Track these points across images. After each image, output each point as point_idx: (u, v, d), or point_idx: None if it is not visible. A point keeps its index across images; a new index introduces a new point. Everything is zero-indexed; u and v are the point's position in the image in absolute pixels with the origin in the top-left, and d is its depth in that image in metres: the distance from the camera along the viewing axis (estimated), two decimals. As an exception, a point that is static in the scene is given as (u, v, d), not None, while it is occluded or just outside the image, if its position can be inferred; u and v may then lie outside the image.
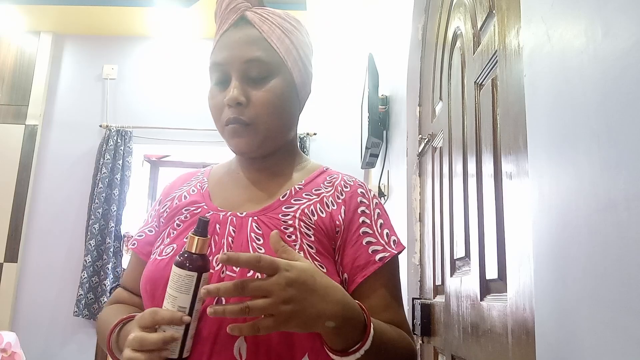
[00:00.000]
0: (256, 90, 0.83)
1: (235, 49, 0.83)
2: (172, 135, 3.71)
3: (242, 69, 0.83)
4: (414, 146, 1.81)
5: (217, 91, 0.85)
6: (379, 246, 0.82)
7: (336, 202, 0.85)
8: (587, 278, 0.55)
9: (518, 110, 0.82)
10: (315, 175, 0.90)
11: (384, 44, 2.68)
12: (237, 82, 0.82)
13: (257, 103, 0.83)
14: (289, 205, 0.84)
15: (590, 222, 0.54)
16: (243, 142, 0.84)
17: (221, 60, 0.84)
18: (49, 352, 3.47)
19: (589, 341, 0.54)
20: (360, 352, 0.69)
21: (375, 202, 0.88)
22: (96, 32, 3.92)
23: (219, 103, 0.84)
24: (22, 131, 3.73)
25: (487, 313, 0.97)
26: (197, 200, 0.89)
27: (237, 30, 0.85)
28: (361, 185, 0.89)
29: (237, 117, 0.82)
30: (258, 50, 0.83)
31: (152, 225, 0.93)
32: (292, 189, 0.87)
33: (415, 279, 1.69)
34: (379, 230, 0.84)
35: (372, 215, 0.85)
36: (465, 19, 1.26)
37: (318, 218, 0.82)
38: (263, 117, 0.83)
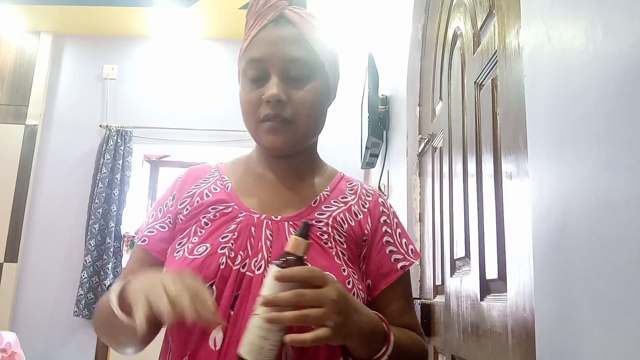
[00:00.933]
0: (296, 89, 0.83)
1: (278, 46, 0.83)
2: (172, 135, 3.71)
3: (283, 67, 0.82)
4: (414, 146, 1.81)
5: (253, 87, 0.84)
6: (399, 255, 0.87)
7: (362, 211, 0.88)
8: (587, 278, 0.55)
9: (518, 110, 0.82)
10: (337, 181, 0.93)
11: (384, 44, 2.68)
12: (277, 80, 0.82)
13: (297, 102, 0.83)
14: (320, 211, 0.86)
15: (590, 222, 0.54)
16: (281, 139, 0.83)
17: (261, 56, 0.83)
18: (49, 352, 3.47)
19: (589, 341, 0.54)
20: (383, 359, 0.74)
21: (393, 212, 0.92)
22: (96, 32, 3.92)
23: (256, 99, 0.83)
24: (22, 131, 3.73)
25: (487, 313, 0.97)
26: (224, 199, 0.86)
27: (278, 28, 0.84)
28: (380, 195, 0.93)
29: (277, 113, 0.81)
30: (300, 50, 0.83)
31: (163, 222, 0.88)
32: (321, 195, 0.88)
33: (415, 279, 1.69)
34: (398, 240, 0.89)
35: (392, 225, 0.90)
36: (465, 19, 1.26)
37: (348, 226, 0.85)
38: (302, 116, 0.83)
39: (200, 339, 0.75)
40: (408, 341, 0.81)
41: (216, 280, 0.77)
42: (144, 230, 0.89)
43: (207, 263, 0.77)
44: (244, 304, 0.76)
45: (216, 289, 0.76)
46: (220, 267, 0.77)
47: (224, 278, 0.77)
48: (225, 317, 0.75)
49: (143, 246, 0.88)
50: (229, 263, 0.78)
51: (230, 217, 0.84)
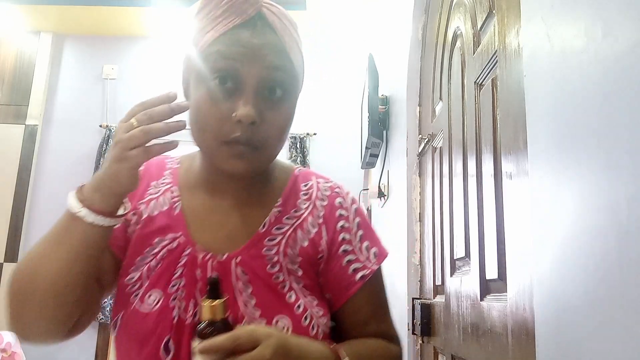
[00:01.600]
0: (271, 110, 0.73)
1: (259, 57, 0.71)
2: (172, 136, 3.70)
3: (261, 82, 0.72)
4: (414, 146, 1.81)
5: (218, 96, 0.72)
6: (359, 263, 0.81)
7: (317, 222, 0.81)
8: (587, 278, 0.55)
9: (518, 110, 0.82)
10: (290, 187, 0.84)
11: (384, 44, 2.68)
12: (253, 97, 0.71)
13: (271, 125, 0.73)
14: (271, 237, 0.78)
15: (590, 222, 0.54)
16: (246, 166, 0.73)
17: (237, 61, 0.71)
18: (49, 352, 3.47)
19: (589, 341, 0.54)
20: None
21: (355, 209, 0.85)
22: (96, 32, 3.92)
23: (222, 113, 0.71)
24: (22, 131, 3.73)
25: (487, 313, 0.97)
26: (170, 226, 0.78)
27: (257, 32, 0.73)
28: (338, 192, 0.85)
29: (249, 138, 0.71)
30: (282, 64, 0.73)
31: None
32: (270, 217, 0.80)
33: (415, 279, 1.69)
34: (359, 245, 0.83)
35: (352, 227, 0.83)
36: (465, 19, 1.26)
37: (301, 249, 0.79)
38: (273, 141, 0.75)
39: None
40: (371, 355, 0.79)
41: (172, 335, 0.72)
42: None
43: (161, 317, 0.72)
44: None
45: (174, 344, 0.72)
46: (173, 322, 0.72)
47: (180, 331, 0.72)
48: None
49: None
50: (182, 316, 0.73)
51: (175, 255, 0.77)
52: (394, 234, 2.03)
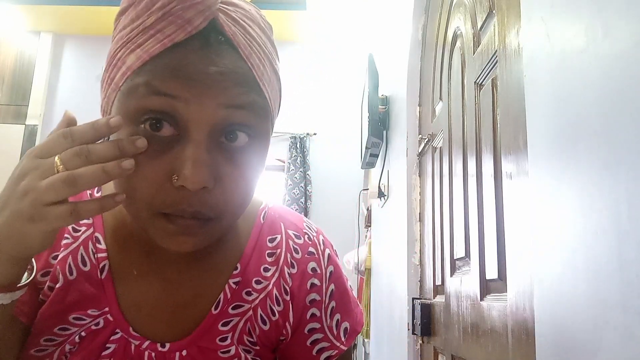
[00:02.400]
0: (231, 166, 0.51)
1: (212, 90, 0.48)
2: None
3: (217, 120, 0.49)
4: (414, 146, 1.81)
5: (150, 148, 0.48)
6: (326, 343, 0.66)
7: (283, 299, 0.63)
8: (587, 278, 0.55)
9: (518, 110, 0.82)
10: (253, 243, 0.64)
11: (384, 44, 2.68)
12: (204, 148, 0.48)
13: (229, 189, 0.51)
14: (226, 319, 0.61)
15: (590, 222, 0.54)
16: (192, 243, 0.51)
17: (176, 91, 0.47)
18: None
19: (589, 341, 0.54)
20: None
21: (330, 273, 0.67)
22: (96, 32, 3.92)
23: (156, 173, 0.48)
24: (22, 131, 3.74)
25: (487, 313, 0.97)
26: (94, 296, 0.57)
27: (210, 53, 0.48)
28: (312, 252, 0.66)
29: (197, 210, 0.49)
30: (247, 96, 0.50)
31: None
32: (225, 292, 0.61)
33: (415, 279, 1.69)
34: (328, 322, 0.67)
35: (324, 299, 0.67)
36: (465, 19, 1.26)
37: (260, 332, 0.63)
38: (231, 208, 0.52)
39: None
40: None
41: None
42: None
43: None
44: None
45: None
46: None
47: None
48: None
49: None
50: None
51: (100, 340, 0.57)
52: (394, 234, 2.03)
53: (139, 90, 0.48)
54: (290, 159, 3.83)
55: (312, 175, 3.84)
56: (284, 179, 4.06)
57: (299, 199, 3.95)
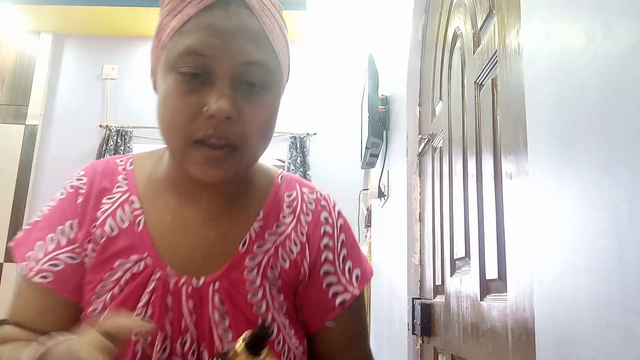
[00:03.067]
0: (250, 103, 0.63)
1: (232, 41, 0.60)
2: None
3: (237, 72, 0.61)
4: (414, 146, 1.81)
5: (185, 89, 0.61)
6: (339, 286, 0.74)
7: (299, 241, 0.73)
8: (587, 278, 0.55)
9: (518, 110, 0.82)
10: (272, 196, 0.75)
11: (384, 44, 2.68)
12: (228, 88, 0.61)
13: (250, 120, 0.62)
14: (252, 256, 0.70)
15: (590, 222, 0.55)
16: (219, 173, 0.62)
17: (207, 50, 0.60)
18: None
19: (589, 341, 0.54)
20: None
21: (340, 225, 0.77)
22: (96, 32, 3.92)
23: (191, 108, 0.60)
24: (22, 131, 3.74)
25: (487, 313, 0.97)
26: (134, 245, 0.67)
27: (231, 13, 0.62)
28: (324, 206, 0.77)
29: (223, 135, 0.61)
30: (261, 51, 0.63)
31: (72, 251, 0.69)
32: (251, 233, 0.71)
33: (415, 279, 1.69)
34: (341, 266, 0.75)
35: (336, 246, 0.75)
36: (465, 19, 1.26)
37: (282, 270, 0.71)
38: (253, 140, 0.64)
39: None
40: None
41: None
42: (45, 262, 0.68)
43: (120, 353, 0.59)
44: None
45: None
46: (136, 357, 0.63)
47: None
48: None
49: (45, 284, 0.67)
50: (147, 350, 0.64)
51: (142, 280, 0.66)
52: (394, 234, 2.03)
53: (177, 48, 0.61)
54: (290, 159, 3.84)
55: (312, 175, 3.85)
56: (284, 179, 4.04)
57: (299, 199, 3.93)
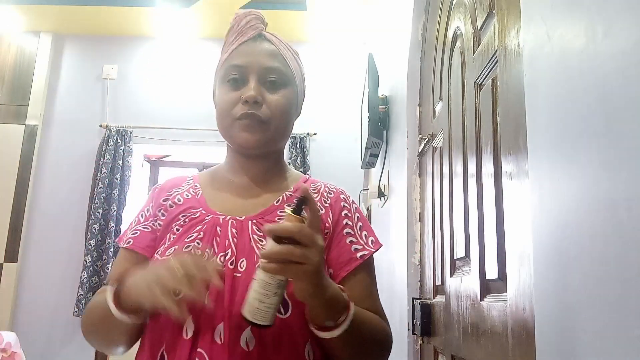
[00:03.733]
0: (271, 94, 0.94)
1: (258, 57, 0.95)
2: (172, 135, 3.71)
3: (261, 73, 0.93)
4: (414, 146, 1.81)
5: (231, 89, 0.94)
6: (359, 245, 0.93)
7: (323, 206, 0.96)
8: (587, 278, 0.55)
9: (518, 110, 0.82)
10: (300, 183, 1.00)
11: (384, 44, 2.68)
12: (255, 84, 0.92)
13: (271, 104, 0.93)
14: (283, 210, 0.91)
15: (590, 222, 0.55)
16: (255, 137, 0.92)
17: (242, 63, 0.94)
18: (49, 352, 3.47)
19: (589, 341, 0.54)
20: (343, 327, 0.78)
21: (355, 207, 0.99)
22: (96, 32, 3.92)
23: (234, 99, 0.93)
24: (22, 131, 3.73)
25: (487, 313, 0.97)
26: (193, 205, 0.94)
27: (258, 43, 0.97)
28: (342, 192, 1.01)
29: (253, 112, 0.91)
30: (277, 61, 0.95)
31: (146, 224, 0.96)
32: (283, 195, 0.96)
33: (415, 279, 1.69)
34: (359, 232, 0.95)
35: (353, 218, 0.96)
36: (465, 19, 1.26)
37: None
38: (276, 117, 0.93)
39: (173, 331, 0.81)
40: (371, 317, 0.88)
41: None
42: (129, 233, 0.95)
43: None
44: (213, 296, 0.81)
45: None
46: None
47: None
48: (196, 309, 0.80)
49: (128, 247, 0.93)
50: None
51: (197, 220, 0.91)
52: (394, 234, 2.03)
53: (226, 66, 0.96)
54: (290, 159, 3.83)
55: (312, 175, 3.84)
56: (284, 179, 4.04)
57: (299, 199, 3.93)
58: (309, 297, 0.76)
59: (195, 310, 0.79)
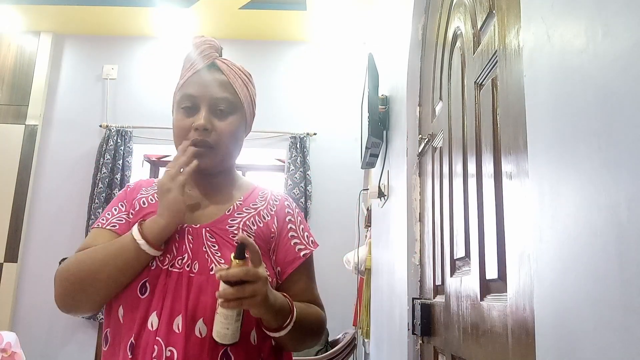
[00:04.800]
0: (220, 121, 1.07)
1: (208, 87, 1.07)
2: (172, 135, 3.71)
3: (211, 103, 1.06)
4: (414, 146, 1.81)
5: (185, 116, 1.07)
6: (302, 245, 1.13)
7: (270, 213, 1.13)
8: (587, 278, 0.55)
9: (518, 110, 0.82)
10: (250, 192, 1.16)
11: (384, 44, 2.68)
12: (206, 113, 1.05)
13: (220, 131, 1.06)
14: (233, 218, 1.08)
15: (590, 222, 0.54)
16: (203, 162, 1.05)
17: (195, 92, 1.07)
18: (49, 352, 3.46)
19: (589, 341, 0.54)
20: (288, 328, 0.98)
21: (297, 211, 1.18)
22: (96, 32, 3.92)
23: (187, 126, 1.06)
24: (22, 131, 3.73)
25: (487, 313, 0.97)
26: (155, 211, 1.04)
27: (209, 73, 1.08)
28: (286, 198, 1.19)
29: (203, 139, 1.04)
30: (226, 92, 1.08)
31: (121, 216, 1.10)
32: (234, 205, 1.11)
33: (415, 279, 1.69)
34: (301, 233, 1.14)
35: (296, 222, 1.15)
36: (465, 19, 1.26)
37: (257, 228, 1.09)
38: (223, 141, 1.07)
39: (140, 324, 0.96)
40: (307, 312, 1.06)
41: (149, 278, 0.99)
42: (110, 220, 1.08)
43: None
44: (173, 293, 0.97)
45: (149, 285, 0.98)
46: (151, 268, 0.99)
47: (155, 275, 0.99)
48: (158, 306, 0.96)
49: (114, 230, 1.06)
50: (158, 264, 1.00)
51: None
52: (394, 234, 2.03)
53: (181, 94, 1.09)
54: (290, 159, 3.83)
55: (312, 175, 3.84)
56: (284, 179, 4.06)
57: (299, 199, 3.95)
58: (262, 314, 0.93)
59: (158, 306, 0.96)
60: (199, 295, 0.97)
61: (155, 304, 0.96)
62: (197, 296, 0.97)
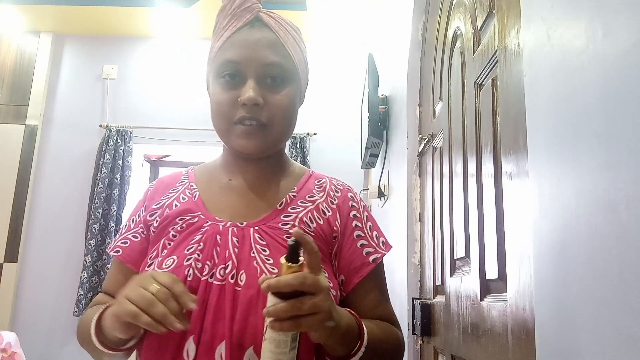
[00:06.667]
0: (272, 93, 0.84)
1: (255, 50, 0.83)
2: (172, 135, 3.71)
3: (260, 71, 0.83)
4: (414, 146, 1.81)
5: (227, 88, 0.84)
6: (371, 248, 0.88)
7: (330, 207, 0.88)
8: (587, 278, 0.55)
9: (518, 110, 0.82)
10: (304, 180, 0.92)
11: (384, 44, 2.68)
12: (254, 83, 0.82)
13: (273, 106, 0.83)
14: (287, 214, 0.85)
15: (590, 222, 0.54)
16: (254, 143, 0.83)
17: (238, 58, 0.83)
18: (49, 352, 3.47)
19: (589, 341, 0.54)
20: (358, 355, 0.75)
21: (363, 205, 0.93)
22: (96, 32, 3.92)
23: (230, 100, 0.83)
24: (22, 131, 3.73)
25: (487, 313, 0.97)
26: (190, 208, 0.86)
27: (255, 31, 0.85)
28: (349, 189, 0.94)
29: (254, 116, 0.82)
30: (277, 55, 0.84)
31: (136, 232, 0.89)
32: (287, 197, 0.88)
33: (415, 279, 1.69)
34: (369, 233, 0.89)
35: (362, 218, 0.90)
36: (465, 19, 1.26)
37: (317, 225, 0.85)
38: (278, 120, 0.84)
39: (174, 352, 0.75)
40: (381, 333, 0.82)
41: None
42: (118, 241, 0.90)
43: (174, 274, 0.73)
44: (214, 312, 0.76)
45: None
46: (187, 279, 0.77)
47: (193, 289, 0.76)
48: (196, 330, 0.75)
49: (117, 257, 0.88)
50: (197, 274, 0.78)
51: (195, 227, 0.83)
52: (394, 234, 2.03)
53: (219, 59, 0.85)
54: (290, 159, 3.84)
55: (312, 175, 3.84)
56: (284, 179, 4.04)
57: (299, 199, 3.93)
58: (324, 339, 0.70)
59: (196, 330, 0.75)
60: (247, 316, 0.75)
61: (193, 326, 0.74)
62: (245, 317, 0.75)
